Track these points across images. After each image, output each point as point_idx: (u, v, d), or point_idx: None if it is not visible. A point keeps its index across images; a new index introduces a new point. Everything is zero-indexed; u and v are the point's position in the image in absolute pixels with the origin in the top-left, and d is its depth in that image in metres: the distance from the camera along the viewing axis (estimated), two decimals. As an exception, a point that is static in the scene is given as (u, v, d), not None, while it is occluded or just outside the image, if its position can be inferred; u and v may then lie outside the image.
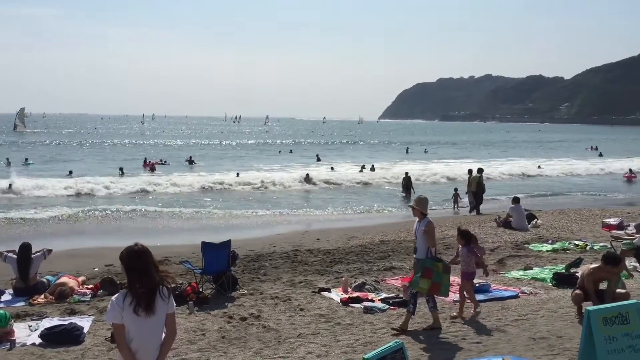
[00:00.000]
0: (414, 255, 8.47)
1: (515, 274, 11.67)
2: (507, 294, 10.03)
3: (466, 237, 9.02)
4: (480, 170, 23.19)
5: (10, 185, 26.08)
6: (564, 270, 11.29)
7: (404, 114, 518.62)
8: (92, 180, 29.97)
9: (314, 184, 31.96)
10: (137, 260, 4.20)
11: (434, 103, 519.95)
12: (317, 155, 51.99)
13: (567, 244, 14.55)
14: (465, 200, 24.11)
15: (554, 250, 14.04)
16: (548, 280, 10.94)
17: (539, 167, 43.76)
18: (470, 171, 24.25)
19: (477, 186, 22.23)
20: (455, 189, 24.70)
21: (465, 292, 8.95)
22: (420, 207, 8.26)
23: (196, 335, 8.13)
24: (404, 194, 28.53)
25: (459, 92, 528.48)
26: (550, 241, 15.12)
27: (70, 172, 34.10)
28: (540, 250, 14.10)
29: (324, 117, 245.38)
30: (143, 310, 4.16)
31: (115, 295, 4.28)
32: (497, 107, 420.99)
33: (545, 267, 12.10)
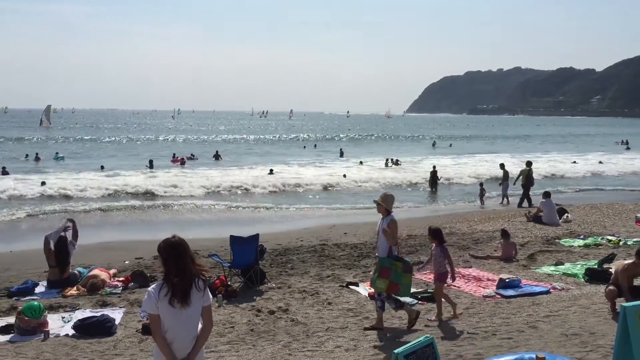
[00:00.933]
0: (376, 254, 8.31)
1: (546, 269, 11.49)
2: (537, 289, 9.87)
3: (438, 236, 8.60)
4: (529, 164, 22.86)
5: (43, 182, 26.07)
6: (596, 266, 11.10)
7: (430, 107, 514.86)
8: (123, 174, 30.46)
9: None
10: (174, 252, 4.24)
11: (461, 96, 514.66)
12: (341, 150, 52.00)
13: (599, 239, 14.27)
14: (489, 194, 24.04)
15: (586, 246, 13.77)
16: (580, 276, 10.75)
17: (574, 162, 42.63)
18: (502, 165, 24.03)
19: (526, 179, 22.02)
20: (481, 184, 24.51)
21: (435, 295, 8.67)
22: (385, 204, 8.06)
23: (225, 328, 8.20)
24: (430, 189, 28.34)
25: (487, 85, 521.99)
26: (582, 236, 14.85)
27: (102, 167, 34.54)
28: (572, 246, 13.85)
29: (348, 111, 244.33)
30: (178, 302, 4.19)
31: (152, 286, 4.33)
32: (526, 100, 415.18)
33: (577, 263, 11.89)
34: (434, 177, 28.62)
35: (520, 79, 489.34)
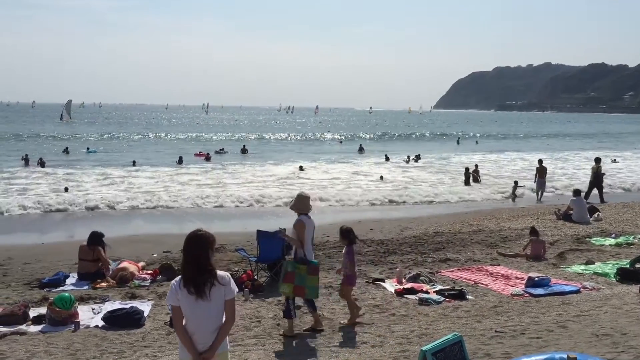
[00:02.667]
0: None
1: (577, 268, 11.30)
2: (567, 288, 9.71)
3: (346, 237, 8.26)
4: (598, 160, 23.12)
5: (66, 189, 23.80)
6: (628, 266, 10.87)
7: (458, 103, 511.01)
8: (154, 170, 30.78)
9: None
10: (194, 244, 4.30)
11: (490, 92, 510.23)
12: (360, 146, 52.19)
13: (631, 238, 13.98)
14: (521, 190, 24.09)
15: (618, 245, 13.50)
16: (612, 276, 10.55)
17: (614, 160, 40.60)
18: (540, 161, 24.17)
19: (594, 176, 22.28)
20: (515, 182, 24.43)
21: (343, 297, 8.37)
22: (295, 205, 7.92)
23: (252, 322, 8.24)
24: (465, 186, 27.69)
25: (516, 81, 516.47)
26: (613, 235, 14.57)
27: (134, 163, 34.57)
28: (603, 245, 13.59)
29: (370, 107, 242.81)
30: (194, 293, 4.25)
31: (175, 279, 4.39)
32: (556, 96, 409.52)
33: (608, 262, 11.67)
34: (470, 174, 27.95)
35: (550, 75, 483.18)
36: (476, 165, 29.63)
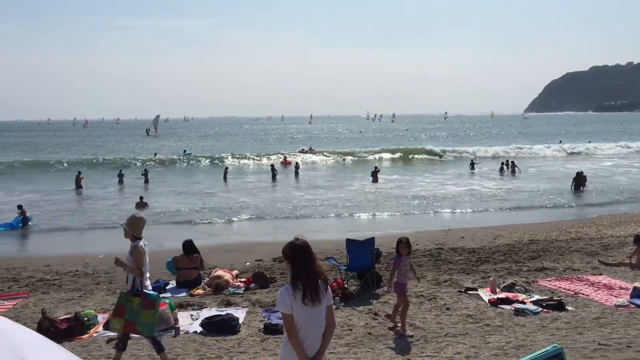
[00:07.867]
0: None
1: (689, 278, 10.53)
2: (679, 300, 9.07)
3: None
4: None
5: (141, 198, 23.88)
6: None
7: (552, 106, 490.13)
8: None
9: None
10: (300, 253, 4.40)
11: (586, 93, 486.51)
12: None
13: None
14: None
15: None
16: None
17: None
18: None
19: None
20: None
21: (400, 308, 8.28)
22: (131, 228, 6.94)
23: (343, 330, 8.28)
24: (573, 192, 26.67)
25: (615, 81, 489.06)
26: None
27: (226, 169, 35.69)
28: None
29: (446, 113, 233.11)
30: (310, 300, 4.36)
31: (284, 287, 4.51)
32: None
33: None
34: (579, 181, 27.05)
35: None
36: (582, 172, 28.36)
